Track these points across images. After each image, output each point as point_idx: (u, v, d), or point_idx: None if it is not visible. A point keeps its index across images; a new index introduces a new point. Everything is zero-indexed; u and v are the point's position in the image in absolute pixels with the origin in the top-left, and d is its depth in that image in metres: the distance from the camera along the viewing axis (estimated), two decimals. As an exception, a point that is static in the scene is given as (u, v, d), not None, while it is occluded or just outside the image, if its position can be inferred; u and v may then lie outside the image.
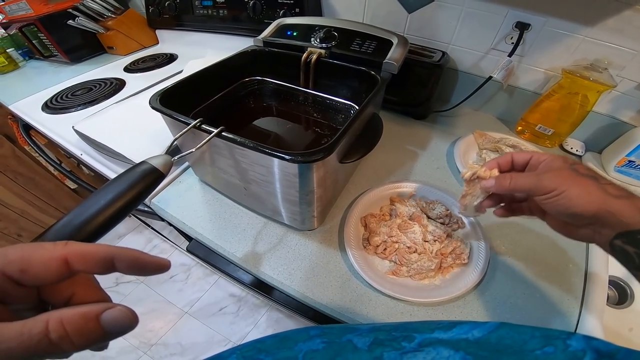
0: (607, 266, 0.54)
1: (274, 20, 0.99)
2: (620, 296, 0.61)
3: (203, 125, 0.45)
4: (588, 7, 0.64)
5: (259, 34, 0.72)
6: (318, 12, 0.98)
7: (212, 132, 0.43)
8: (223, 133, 0.43)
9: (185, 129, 0.44)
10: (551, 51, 0.73)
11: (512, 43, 0.73)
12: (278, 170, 0.44)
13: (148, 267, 0.24)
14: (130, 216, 1.76)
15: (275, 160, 0.42)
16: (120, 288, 1.61)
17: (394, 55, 0.61)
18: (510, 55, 0.73)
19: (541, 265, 0.54)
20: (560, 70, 0.72)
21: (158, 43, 1.38)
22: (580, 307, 0.49)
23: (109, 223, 0.34)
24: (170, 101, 0.52)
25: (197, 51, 1.21)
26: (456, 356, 0.20)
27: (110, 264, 0.22)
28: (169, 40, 1.35)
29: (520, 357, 0.19)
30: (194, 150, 0.41)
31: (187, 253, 1.60)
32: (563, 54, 0.72)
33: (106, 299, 0.25)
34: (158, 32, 1.36)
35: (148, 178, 0.37)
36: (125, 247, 0.23)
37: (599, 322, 0.47)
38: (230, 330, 1.47)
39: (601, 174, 0.35)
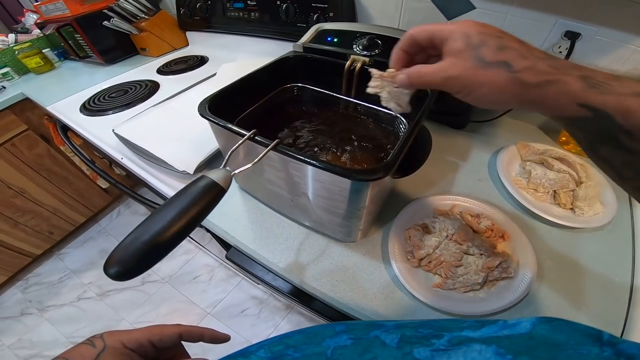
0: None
1: (306, 24, 0.99)
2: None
3: (257, 137, 0.44)
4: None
5: (291, 38, 0.72)
6: (352, 17, 0.97)
7: (267, 144, 0.43)
8: (279, 147, 0.42)
9: (241, 141, 0.43)
10: (600, 61, 0.70)
11: (560, 52, 0.71)
12: (333, 186, 0.43)
13: (220, 341, 0.40)
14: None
15: (333, 176, 0.41)
16: (145, 287, 1.64)
17: (443, 65, 0.59)
18: (561, 65, 0.70)
19: (586, 278, 0.53)
20: (609, 81, 0.69)
21: (188, 45, 1.40)
22: (625, 319, 0.48)
23: (174, 240, 0.34)
24: (215, 108, 0.52)
25: (227, 54, 1.21)
26: (488, 350, 0.19)
27: (200, 338, 0.39)
28: (199, 43, 1.36)
29: (554, 354, 0.18)
30: (250, 165, 0.41)
31: (210, 253, 1.63)
32: (612, 64, 0.69)
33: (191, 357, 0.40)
34: (188, 34, 1.38)
35: (210, 193, 0.36)
36: (208, 327, 0.40)
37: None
38: (251, 332, 1.47)
39: (518, 42, 0.29)
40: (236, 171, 0.39)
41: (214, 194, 0.37)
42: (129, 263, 0.32)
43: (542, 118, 0.84)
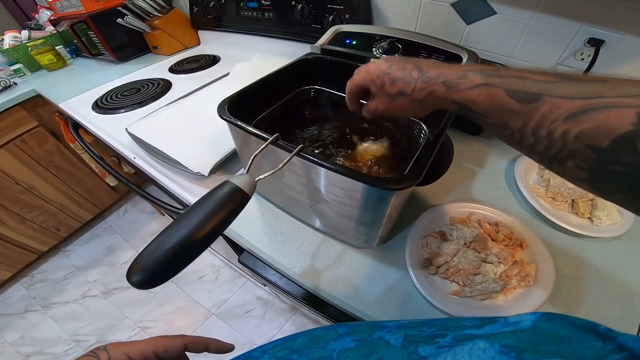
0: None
1: (321, 26, 0.98)
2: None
3: (280, 142, 0.44)
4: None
5: (305, 39, 0.71)
6: (368, 19, 0.96)
7: (290, 149, 0.42)
8: (303, 152, 0.42)
9: (264, 145, 0.43)
10: (623, 69, 0.69)
11: (582, 59, 0.70)
12: (356, 193, 0.43)
13: (225, 351, 0.40)
14: (163, 214, 1.79)
15: (357, 183, 0.40)
16: (150, 285, 1.64)
17: (465, 71, 0.58)
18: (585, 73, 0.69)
19: (603, 287, 0.53)
20: (632, 90, 0.68)
21: (200, 44, 1.39)
22: (639, 328, 0.47)
23: (199, 247, 0.33)
24: (233, 109, 0.52)
25: (240, 53, 1.21)
26: (491, 349, 0.19)
27: (205, 349, 0.39)
28: (210, 41, 1.36)
29: (558, 347, 0.18)
30: (275, 171, 0.40)
31: (216, 253, 1.62)
32: (637, 72, 0.68)
33: None
34: (200, 32, 1.38)
35: (235, 199, 0.36)
36: (212, 338, 0.40)
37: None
38: (256, 333, 1.47)
39: (400, 71, 0.37)
40: (260, 177, 0.38)
41: (238, 200, 0.36)
42: (153, 270, 0.31)
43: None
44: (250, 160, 0.41)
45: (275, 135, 0.44)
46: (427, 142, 0.46)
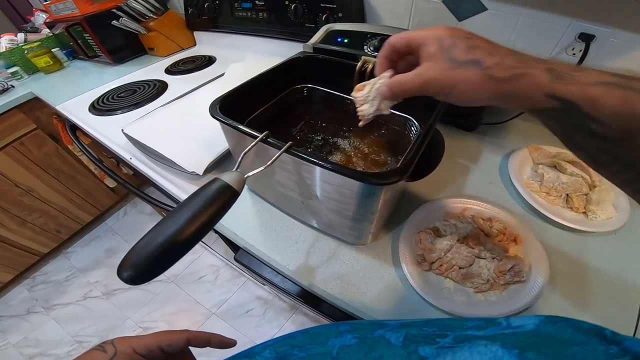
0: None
1: (315, 25, 0.99)
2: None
3: (270, 139, 0.44)
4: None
5: (299, 38, 0.72)
6: (361, 17, 0.96)
7: (280, 146, 0.42)
8: (292, 149, 0.42)
9: (254, 143, 0.43)
10: (615, 63, 0.69)
11: (574, 54, 0.70)
12: (346, 189, 0.43)
13: (227, 345, 0.41)
14: (163, 215, 1.80)
15: (346, 179, 0.40)
16: (151, 287, 1.65)
17: (455, 66, 0.59)
18: (575, 67, 0.69)
19: (598, 282, 0.52)
20: (624, 83, 0.68)
21: (195, 45, 1.40)
22: (636, 324, 0.47)
23: (187, 243, 0.33)
24: (226, 109, 0.52)
25: (235, 54, 1.21)
26: (493, 346, 0.19)
27: (207, 343, 0.40)
28: (206, 42, 1.36)
29: (559, 350, 0.18)
30: (263, 168, 0.40)
31: (216, 253, 1.63)
32: (627, 66, 0.68)
33: None
34: (195, 33, 1.38)
35: (223, 196, 0.36)
36: (215, 333, 0.41)
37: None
38: (256, 332, 1.47)
39: (486, 42, 0.30)
40: (249, 174, 0.39)
41: (227, 197, 0.36)
42: (142, 267, 0.32)
43: (553, 120, 0.83)
44: (240, 158, 0.41)
45: (265, 132, 0.44)
46: (417, 138, 0.46)
